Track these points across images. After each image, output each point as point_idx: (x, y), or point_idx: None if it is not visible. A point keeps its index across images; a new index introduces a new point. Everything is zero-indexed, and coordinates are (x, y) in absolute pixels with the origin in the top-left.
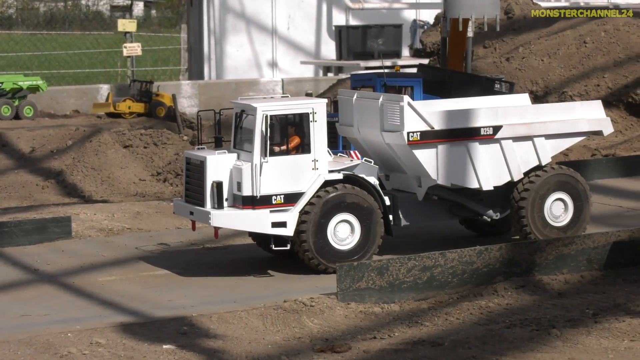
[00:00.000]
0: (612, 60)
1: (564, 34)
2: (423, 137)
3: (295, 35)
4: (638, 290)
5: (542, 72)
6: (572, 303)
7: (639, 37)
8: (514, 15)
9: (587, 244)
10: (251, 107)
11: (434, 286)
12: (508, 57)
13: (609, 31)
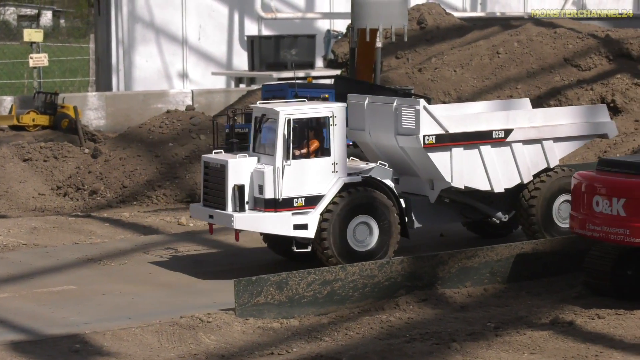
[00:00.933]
0: (525, 71)
1: (477, 44)
2: (438, 141)
3: (206, 45)
4: (541, 303)
5: (455, 83)
6: (474, 316)
7: (552, 47)
8: (426, 25)
9: (491, 257)
10: (273, 111)
11: (335, 300)
12: (420, 67)
13: (523, 42)
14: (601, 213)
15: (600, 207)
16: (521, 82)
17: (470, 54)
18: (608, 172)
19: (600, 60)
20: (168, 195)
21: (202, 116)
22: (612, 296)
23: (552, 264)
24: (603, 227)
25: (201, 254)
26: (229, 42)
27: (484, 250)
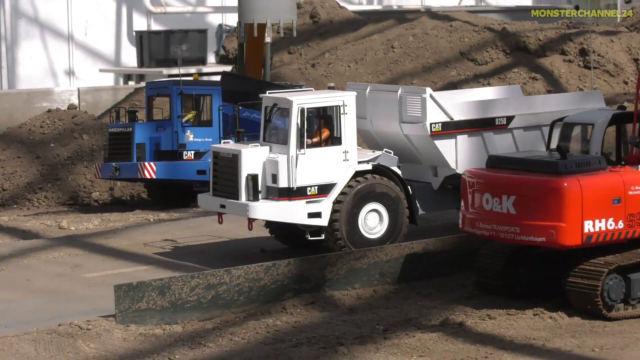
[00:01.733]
0: (420, 66)
1: (372, 38)
2: (444, 128)
3: (93, 41)
4: (431, 304)
5: (349, 78)
6: (362, 319)
7: (448, 41)
8: (319, 19)
9: (380, 258)
10: (286, 101)
11: (220, 305)
12: (314, 63)
13: (418, 35)
14: (491, 211)
15: (491, 205)
16: (417, 77)
17: (365, 48)
18: (498, 169)
19: (497, 54)
20: (49, 198)
21: (85, 115)
22: (504, 296)
23: (443, 264)
24: (493, 225)
25: (82, 258)
26: (117, 38)
27: (372, 251)
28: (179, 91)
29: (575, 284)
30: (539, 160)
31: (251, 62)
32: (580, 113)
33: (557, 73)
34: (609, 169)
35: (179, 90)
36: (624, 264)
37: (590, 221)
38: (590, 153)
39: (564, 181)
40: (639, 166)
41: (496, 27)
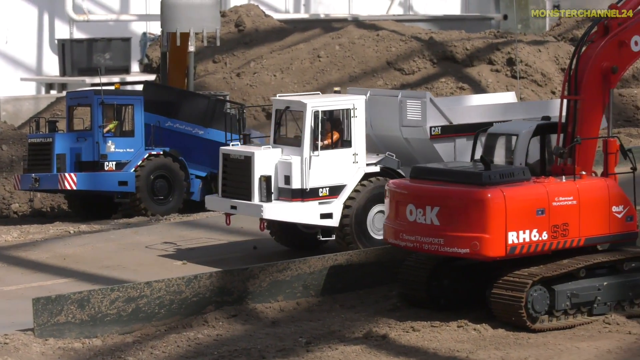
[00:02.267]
0: (347, 75)
1: (298, 47)
2: (444, 132)
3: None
4: (354, 317)
5: (275, 88)
6: (285, 332)
7: (374, 50)
8: (245, 27)
9: (303, 270)
10: (300, 103)
11: (140, 318)
12: (239, 72)
13: (344, 45)
14: (415, 222)
15: (414, 216)
16: (343, 86)
17: (291, 57)
18: (422, 180)
19: (425, 64)
20: None
21: (4, 125)
22: (428, 307)
23: (367, 276)
24: (417, 236)
25: (1, 271)
26: (38, 46)
27: (296, 262)
28: (100, 101)
29: (499, 296)
30: (462, 171)
31: (174, 72)
32: (504, 123)
33: (485, 83)
34: (533, 179)
35: (100, 99)
36: (548, 275)
37: (514, 232)
38: (515, 164)
39: (488, 192)
40: (563, 177)
41: (423, 36)
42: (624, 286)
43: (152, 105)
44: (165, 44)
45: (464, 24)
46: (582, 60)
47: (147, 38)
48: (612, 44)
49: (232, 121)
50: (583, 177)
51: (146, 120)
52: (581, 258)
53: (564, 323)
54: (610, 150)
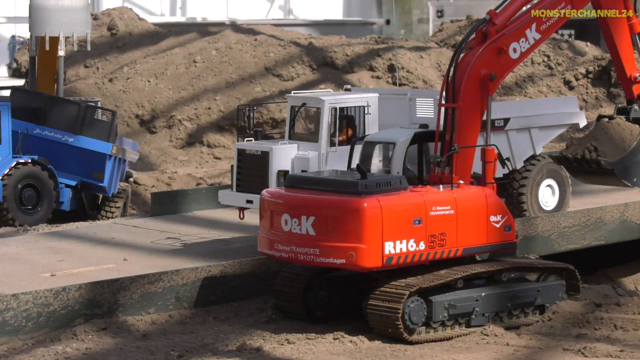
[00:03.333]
0: (224, 81)
1: (173, 52)
2: None
3: None
4: (228, 329)
5: (149, 94)
6: (157, 345)
7: (252, 56)
8: (118, 31)
9: (176, 281)
10: (318, 100)
11: (6, 332)
12: (111, 77)
13: (221, 49)
14: (290, 232)
15: (289, 226)
16: (220, 92)
17: (166, 62)
18: (297, 189)
19: (304, 70)
20: None
21: None
22: (304, 319)
23: (241, 287)
24: (292, 247)
25: None
26: None
27: (168, 274)
28: None
29: (376, 307)
30: (338, 180)
31: (43, 77)
32: (382, 132)
33: None
34: (410, 188)
35: None
36: (425, 286)
37: (390, 242)
38: (392, 172)
39: (364, 201)
40: (440, 186)
41: (303, 41)
42: (502, 297)
43: (20, 112)
44: (34, 48)
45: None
46: (460, 68)
47: (16, 41)
48: (490, 51)
49: (103, 128)
50: (461, 186)
51: (14, 127)
52: (459, 268)
53: (442, 335)
54: (488, 159)
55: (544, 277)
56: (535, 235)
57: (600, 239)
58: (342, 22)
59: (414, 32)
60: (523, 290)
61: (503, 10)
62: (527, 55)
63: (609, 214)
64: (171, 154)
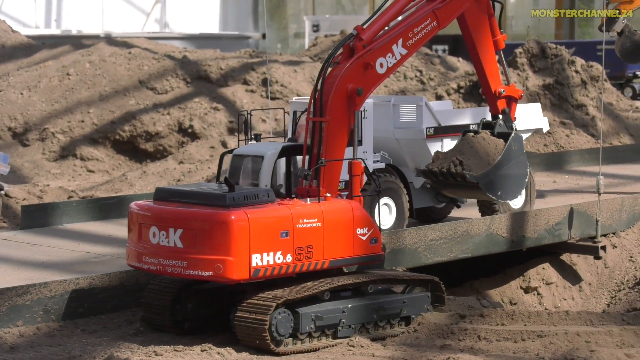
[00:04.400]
0: (97, 94)
1: (46, 64)
2: (436, 132)
3: None
4: (96, 342)
5: (22, 106)
6: (24, 357)
7: (126, 69)
8: None
9: (44, 293)
10: None
11: None
12: None
13: (95, 62)
14: (158, 245)
15: (157, 238)
16: (94, 105)
17: (39, 75)
18: (165, 202)
19: (178, 83)
20: None
21: None
22: (172, 332)
23: (110, 300)
24: (160, 259)
25: None
26: None
27: (36, 286)
28: None
29: (243, 319)
30: (206, 192)
31: None
32: (250, 145)
33: (240, 103)
34: (278, 201)
35: None
36: (292, 298)
37: (258, 255)
38: (260, 185)
39: (231, 214)
40: (307, 199)
41: (177, 55)
42: (368, 308)
43: None
44: None
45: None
46: (327, 82)
47: None
48: (357, 66)
49: None
50: (328, 199)
51: None
52: (326, 280)
53: (308, 346)
54: (355, 173)
55: (409, 289)
56: (403, 248)
57: (467, 251)
58: (218, 35)
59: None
60: (389, 301)
61: (370, 26)
62: (393, 70)
63: (476, 226)
64: (44, 167)
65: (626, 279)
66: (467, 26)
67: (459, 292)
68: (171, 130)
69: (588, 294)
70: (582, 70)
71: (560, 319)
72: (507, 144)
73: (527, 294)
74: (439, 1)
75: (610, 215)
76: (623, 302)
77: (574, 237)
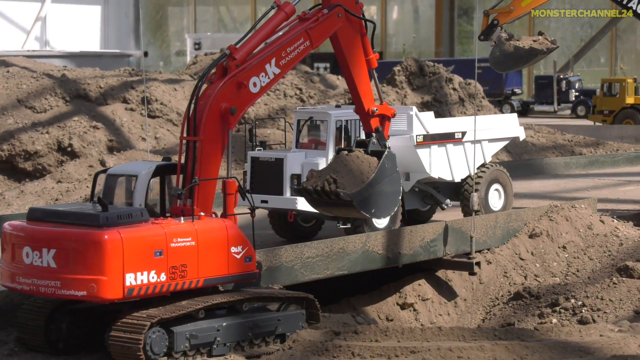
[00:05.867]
0: None
1: None
2: (425, 139)
3: None
4: None
5: None
6: None
7: (4, 87)
8: None
9: None
10: (325, 114)
11: None
12: None
13: None
14: (31, 265)
15: (31, 258)
16: None
17: None
18: (39, 222)
19: (57, 102)
20: None
21: None
22: (47, 352)
23: None
24: (33, 279)
25: None
26: None
27: None
28: None
29: (117, 338)
30: (79, 212)
31: None
32: (124, 164)
33: (119, 122)
34: (152, 220)
35: None
36: (166, 316)
37: (132, 274)
38: (134, 204)
39: (105, 234)
40: (181, 218)
41: (56, 73)
42: (243, 326)
43: None
44: None
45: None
46: (201, 101)
47: None
48: (230, 86)
49: None
50: (202, 218)
51: None
52: (200, 299)
53: None
54: (229, 191)
55: (284, 307)
56: (279, 266)
57: (343, 268)
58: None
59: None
60: (264, 319)
61: (243, 45)
62: (267, 89)
63: (352, 244)
64: None
65: (500, 295)
66: (340, 45)
67: (336, 309)
68: (50, 149)
69: (463, 309)
70: (459, 88)
71: (433, 335)
72: (380, 162)
73: (403, 310)
74: (312, 21)
75: (484, 231)
76: (497, 317)
77: (449, 253)
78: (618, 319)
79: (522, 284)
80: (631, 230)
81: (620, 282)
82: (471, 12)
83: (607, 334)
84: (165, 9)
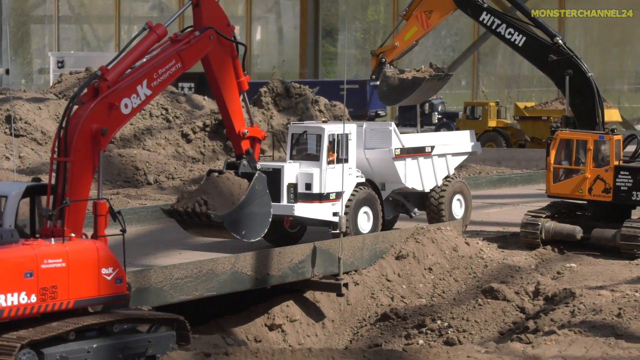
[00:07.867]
0: None
1: None
2: (401, 153)
3: None
4: None
5: None
6: None
7: None
8: None
9: None
10: (319, 128)
11: None
12: None
13: None
14: None
15: None
16: None
17: None
18: None
19: None
20: None
21: None
22: None
23: None
24: None
25: None
26: None
27: None
28: None
29: None
30: None
31: None
32: None
33: None
34: (22, 241)
35: None
36: (37, 338)
37: (2, 295)
38: (4, 225)
39: None
40: (52, 239)
41: None
42: (114, 348)
43: None
44: None
45: None
46: (72, 122)
47: None
48: (101, 107)
49: None
50: (72, 239)
51: None
52: (71, 320)
53: None
54: (100, 212)
55: (155, 328)
56: (149, 287)
57: (212, 289)
58: None
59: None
60: (134, 341)
61: (115, 66)
62: (138, 110)
63: (221, 265)
64: None
65: (368, 316)
66: (211, 67)
67: (205, 330)
68: None
69: (331, 330)
70: (325, 110)
71: (303, 356)
72: (251, 184)
73: (271, 331)
74: (183, 43)
75: (352, 253)
76: (365, 338)
77: (317, 274)
78: (483, 340)
79: (389, 305)
80: (495, 253)
81: (486, 304)
82: (335, 33)
83: (474, 355)
84: (27, 26)
